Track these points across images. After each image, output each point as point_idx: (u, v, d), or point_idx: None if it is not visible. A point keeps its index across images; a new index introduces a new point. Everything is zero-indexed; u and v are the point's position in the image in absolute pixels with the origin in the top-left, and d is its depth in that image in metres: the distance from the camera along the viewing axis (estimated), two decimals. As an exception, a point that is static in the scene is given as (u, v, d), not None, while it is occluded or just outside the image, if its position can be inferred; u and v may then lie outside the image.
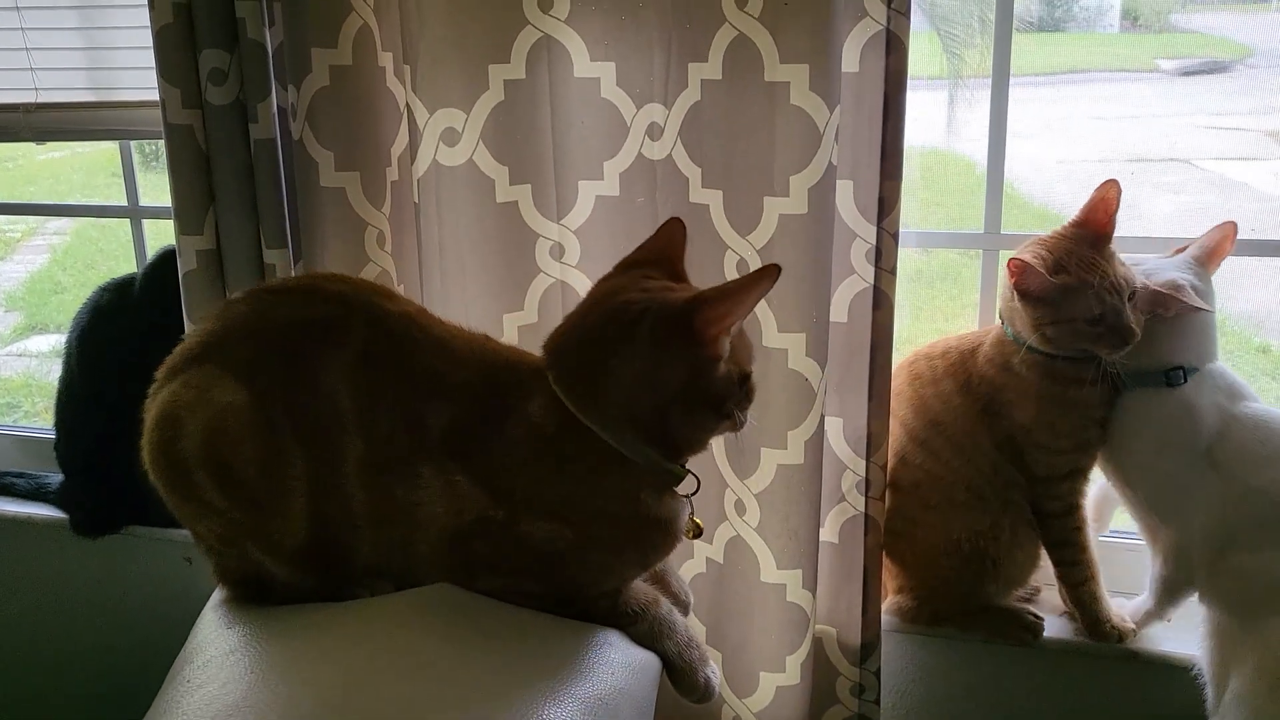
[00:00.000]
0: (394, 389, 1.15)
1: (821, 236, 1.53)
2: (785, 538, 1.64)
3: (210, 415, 1.13)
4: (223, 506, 1.16)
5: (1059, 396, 1.66)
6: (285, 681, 1.03)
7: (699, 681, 1.25)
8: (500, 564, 1.15)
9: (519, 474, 1.14)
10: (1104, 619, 1.75)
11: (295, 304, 1.21)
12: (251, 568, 1.21)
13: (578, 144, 1.65)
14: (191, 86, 1.67)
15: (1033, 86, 2.33)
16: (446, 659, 1.06)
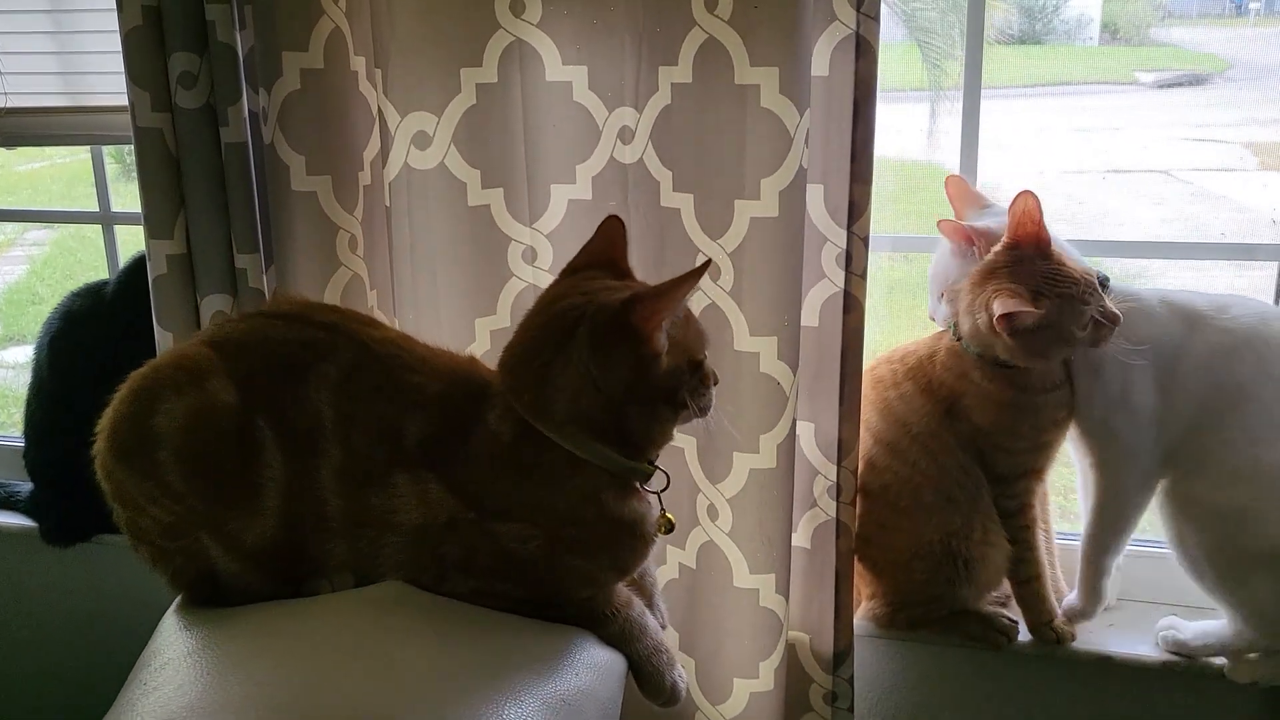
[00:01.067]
0: (374, 404, 1.19)
1: (792, 240, 1.53)
2: (757, 542, 1.63)
3: (199, 402, 1.16)
4: (181, 490, 1.16)
5: (1027, 404, 1.67)
6: (240, 682, 1.02)
7: (666, 685, 1.25)
8: (472, 565, 1.16)
9: (485, 482, 1.16)
10: (1046, 619, 1.76)
11: (288, 326, 1.25)
12: (200, 564, 1.21)
13: (550, 147, 1.65)
14: (161, 90, 1.66)
15: (1013, 98, 2.34)
16: (404, 658, 1.05)
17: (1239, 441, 1.61)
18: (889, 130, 2.27)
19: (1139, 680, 1.78)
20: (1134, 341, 1.60)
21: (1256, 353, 1.61)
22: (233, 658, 1.07)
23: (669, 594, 1.76)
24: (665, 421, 1.20)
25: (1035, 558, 1.76)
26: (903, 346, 1.80)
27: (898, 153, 2.33)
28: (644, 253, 1.64)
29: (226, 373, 1.18)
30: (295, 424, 1.17)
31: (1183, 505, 1.66)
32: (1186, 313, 1.64)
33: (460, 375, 1.24)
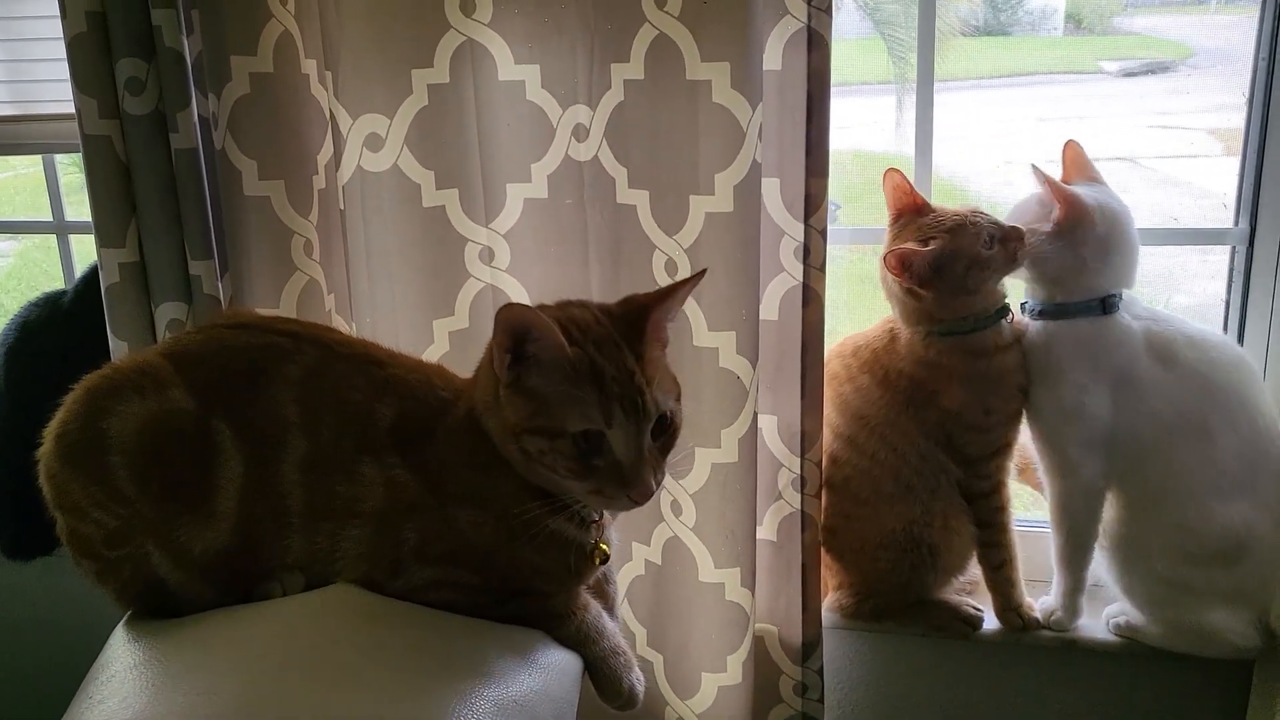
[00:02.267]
0: (343, 395, 1.19)
1: (748, 234, 1.53)
2: (722, 536, 1.64)
3: (156, 407, 1.16)
4: (130, 495, 1.15)
5: (984, 372, 1.69)
6: (185, 694, 1.01)
7: (623, 688, 1.25)
8: (429, 552, 1.15)
9: (448, 467, 1.16)
10: (1015, 605, 1.78)
11: (248, 334, 1.25)
12: (146, 574, 1.19)
13: (504, 147, 1.64)
14: (109, 96, 1.63)
15: (978, 90, 2.36)
16: (351, 664, 1.04)
17: (1187, 479, 1.64)
18: (858, 124, 2.29)
19: (1103, 664, 1.80)
20: (1105, 354, 1.64)
21: (1225, 402, 1.64)
22: (178, 669, 1.06)
23: (635, 590, 1.77)
24: (517, 459, 1.14)
25: (1007, 541, 1.77)
26: (852, 339, 1.80)
27: (867, 145, 2.34)
28: (599, 249, 1.64)
29: (183, 382, 1.17)
30: (256, 423, 1.16)
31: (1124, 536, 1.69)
32: (1163, 342, 1.66)
33: (433, 370, 1.26)
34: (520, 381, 1.10)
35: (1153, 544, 1.66)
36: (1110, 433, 1.66)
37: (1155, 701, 1.82)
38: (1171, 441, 1.64)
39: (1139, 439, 1.65)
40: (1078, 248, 1.64)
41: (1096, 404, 1.65)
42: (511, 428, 1.11)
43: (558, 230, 1.67)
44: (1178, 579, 1.64)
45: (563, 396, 1.09)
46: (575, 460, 1.09)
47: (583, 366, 1.09)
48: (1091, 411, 1.65)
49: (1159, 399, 1.64)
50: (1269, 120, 1.71)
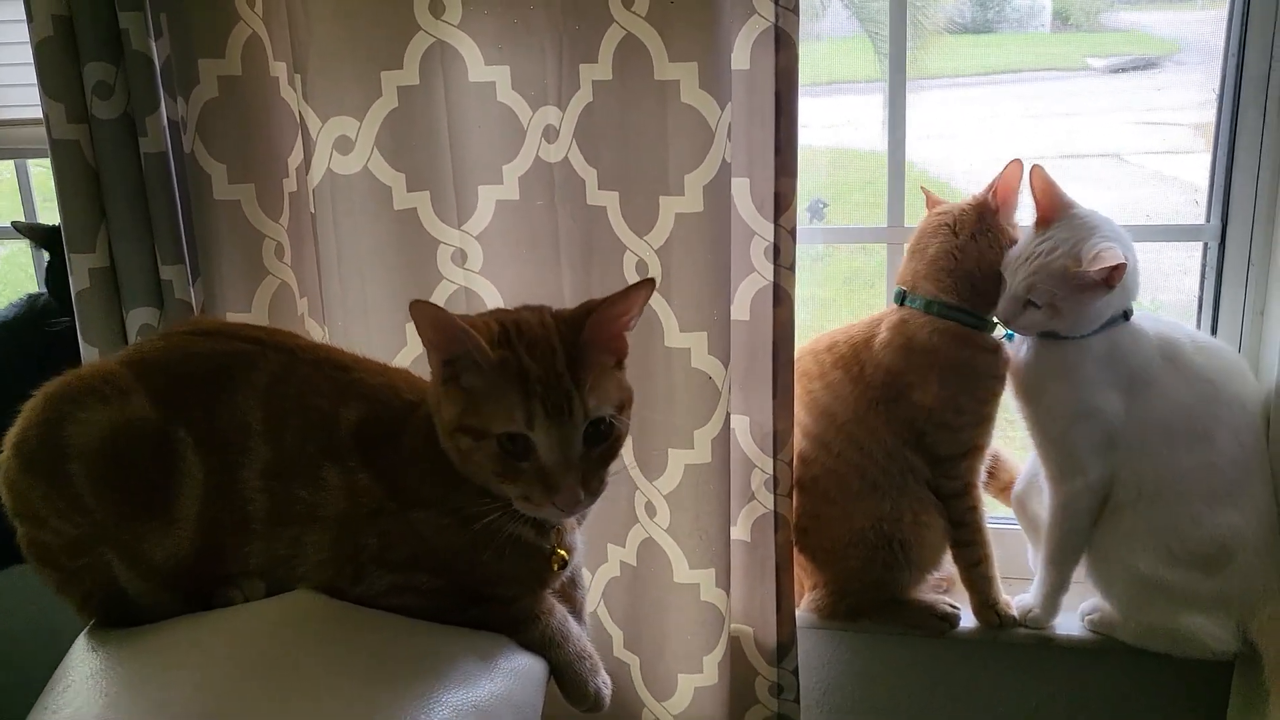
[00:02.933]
0: (308, 400, 1.18)
1: (719, 234, 1.53)
2: (696, 537, 1.64)
3: (118, 415, 1.14)
4: (90, 504, 1.14)
5: (965, 364, 1.70)
6: (140, 704, 0.99)
7: (589, 692, 1.24)
8: (389, 557, 1.15)
9: (409, 472, 1.16)
10: (992, 602, 1.78)
11: (212, 341, 1.24)
12: (107, 584, 1.18)
13: (476, 149, 1.64)
14: (77, 101, 1.63)
15: (967, 87, 2.36)
16: (310, 672, 1.03)
17: (1184, 482, 1.64)
18: (845, 123, 2.29)
19: (1080, 662, 1.80)
20: (1122, 358, 1.64)
21: (1229, 410, 1.65)
22: (135, 678, 1.05)
23: (611, 592, 1.76)
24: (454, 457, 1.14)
25: (982, 539, 1.78)
26: (828, 335, 1.81)
27: (854, 144, 2.34)
28: (570, 251, 1.64)
29: (144, 390, 1.16)
30: (219, 431, 1.15)
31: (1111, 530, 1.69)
32: (1172, 346, 1.67)
33: (398, 374, 1.26)
34: (454, 380, 1.10)
35: (1138, 542, 1.66)
36: (1117, 434, 1.66)
37: (1132, 700, 1.82)
38: (1173, 444, 1.64)
39: (1143, 438, 1.65)
40: (1121, 289, 1.62)
41: (1109, 405, 1.65)
42: (445, 425, 1.12)
43: (529, 232, 1.66)
44: (1159, 580, 1.64)
45: (489, 397, 1.08)
46: (501, 462, 1.09)
47: (508, 368, 1.07)
48: (1105, 412, 1.65)
49: (1166, 401, 1.65)
50: (1238, 116, 1.72)
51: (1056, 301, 1.60)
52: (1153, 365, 1.66)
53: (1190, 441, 1.64)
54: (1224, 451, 1.64)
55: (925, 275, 1.72)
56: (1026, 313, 1.64)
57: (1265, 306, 1.75)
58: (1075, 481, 1.68)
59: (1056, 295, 1.60)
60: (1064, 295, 1.60)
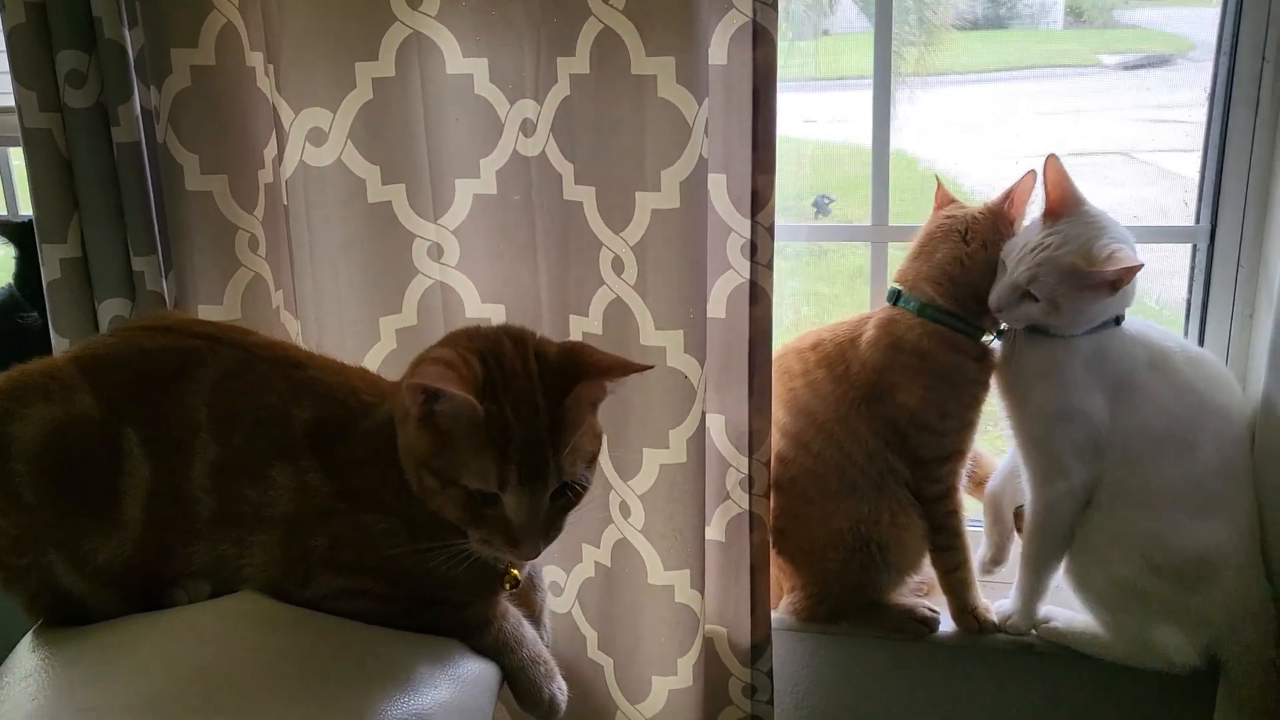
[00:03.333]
0: (259, 398, 1.16)
1: (695, 231, 1.51)
2: (671, 538, 1.62)
3: (62, 413, 1.12)
4: (32, 503, 1.12)
5: (953, 369, 1.68)
6: (65, 708, 0.97)
7: (543, 699, 1.22)
8: (338, 559, 1.13)
9: (363, 473, 1.13)
10: (970, 607, 1.77)
11: (163, 336, 1.22)
12: (47, 582, 1.16)
13: (452, 142, 1.62)
14: (49, 89, 1.60)
15: (978, 83, 2.34)
16: (245, 681, 1.01)
17: (1166, 490, 1.62)
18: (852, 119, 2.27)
19: (1061, 668, 1.78)
20: (1110, 363, 1.62)
21: (1215, 422, 1.63)
22: (66, 682, 1.02)
23: (586, 593, 1.75)
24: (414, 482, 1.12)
25: (961, 544, 1.76)
26: (813, 333, 1.79)
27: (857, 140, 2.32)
28: (547, 246, 1.62)
29: (91, 388, 1.14)
30: (166, 427, 1.13)
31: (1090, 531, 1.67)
32: (1161, 354, 1.65)
33: (356, 373, 1.23)
34: (430, 419, 1.06)
35: (1117, 547, 1.64)
36: (1102, 438, 1.64)
37: (1113, 707, 1.80)
38: (1158, 451, 1.62)
39: (1127, 445, 1.63)
40: (1115, 297, 1.60)
41: (1094, 409, 1.63)
42: (413, 458, 1.09)
43: (506, 227, 1.65)
44: (1137, 588, 1.62)
45: (465, 448, 1.05)
46: (465, 509, 1.07)
47: (493, 426, 1.04)
48: (1089, 416, 1.63)
49: (1152, 408, 1.62)
50: (1229, 116, 1.70)
51: (1057, 297, 1.57)
52: (1140, 372, 1.64)
53: (1174, 450, 1.62)
54: (1207, 463, 1.62)
55: (928, 278, 1.69)
56: (1022, 304, 1.61)
57: (1254, 310, 1.73)
58: (1057, 485, 1.66)
59: (1059, 291, 1.57)
60: (1066, 292, 1.57)
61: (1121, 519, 1.63)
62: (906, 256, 1.74)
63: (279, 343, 1.25)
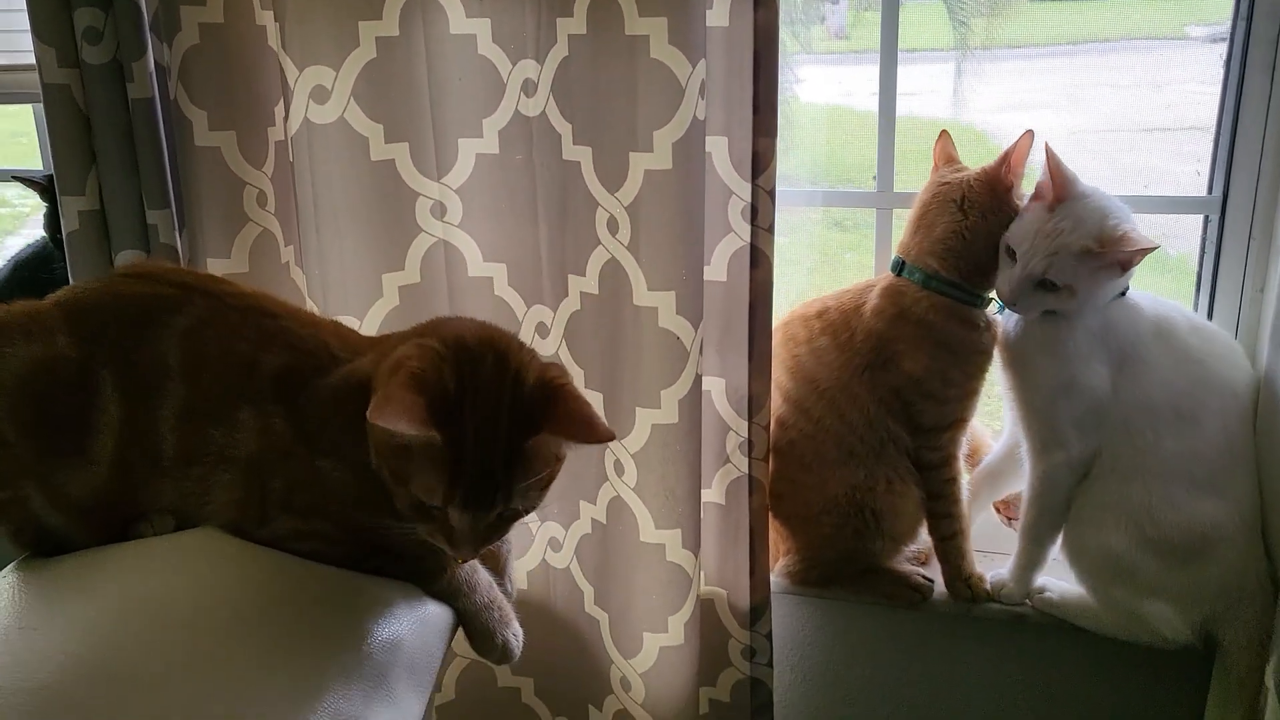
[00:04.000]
0: (229, 344, 1.19)
1: (688, 193, 1.51)
2: (662, 498, 1.63)
3: (42, 353, 1.17)
4: (11, 439, 1.16)
5: (956, 339, 1.68)
6: (13, 626, 1.01)
7: (496, 643, 1.26)
8: (293, 501, 1.16)
9: (324, 418, 1.16)
10: (964, 575, 1.77)
11: (141, 283, 1.25)
12: (27, 514, 1.21)
13: (456, 101, 1.64)
14: (68, 45, 1.65)
15: (1051, 56, 2.30)
16: (196, 607, 1.04)
17: (1165, 463, 1.60)
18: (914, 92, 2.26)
19: (1054, 639, 1.78)
20: (1114, 335, 1.61)
21: (1219, 396, 1.61)
22: (21, 602, 1.07)
23: (583, 549, 1.77)
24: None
25: (959, 512, 1.76)
26: (819, 300, 1.79)
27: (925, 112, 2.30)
28: (547, 206, 1.64)
29: (71, 330, 1.18)
30: (138, 371, 1.17)
31: (1084, 501, 1.66)
32: (1168, 325, 1.63)
33: (329, 327, 1.26)
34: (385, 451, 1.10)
35: (1111, 517, 1.63)
36: (1103, 411, 1.63)
37: (1107, 680, 1.79)
38: (1157, 423, 1.61)
39: (1127, 416, 1.62)
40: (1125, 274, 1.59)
41: (1096, 381, 1.62)
42: (375, 444, 1.11)
43: (508, 186, 1.67)
44: (1129, 561, 1.61)
45: (420, 460, 1.07)
46: (412, 506, 1.11)
47: (450, 450, 1.06)
48: (1090, 388, 1.62)
49: (1155, 380, 1.61)
50: (1244, 82, 1.66)
51: (1074, 282, 1.56)
52: (1145, 343, 1.62)
53: (1175, 423, 1.60)
54: (1210, 438, 1.60)
55: (929, 252, 1.69)
56: (1037, 294, 1.59)
57: (1265, 283, 1.69)
58: (1055, 455, 1.65)
59: (1076, 275, 1.55)
60: (1083, 276, 1.56)
61: (1116, 490, 1.62)
62: (907, 228, 1.73)
63: (253, 293, 1.28)
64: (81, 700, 0.87)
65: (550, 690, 1.90)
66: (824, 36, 2.38)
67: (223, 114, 1.64)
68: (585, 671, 1.82)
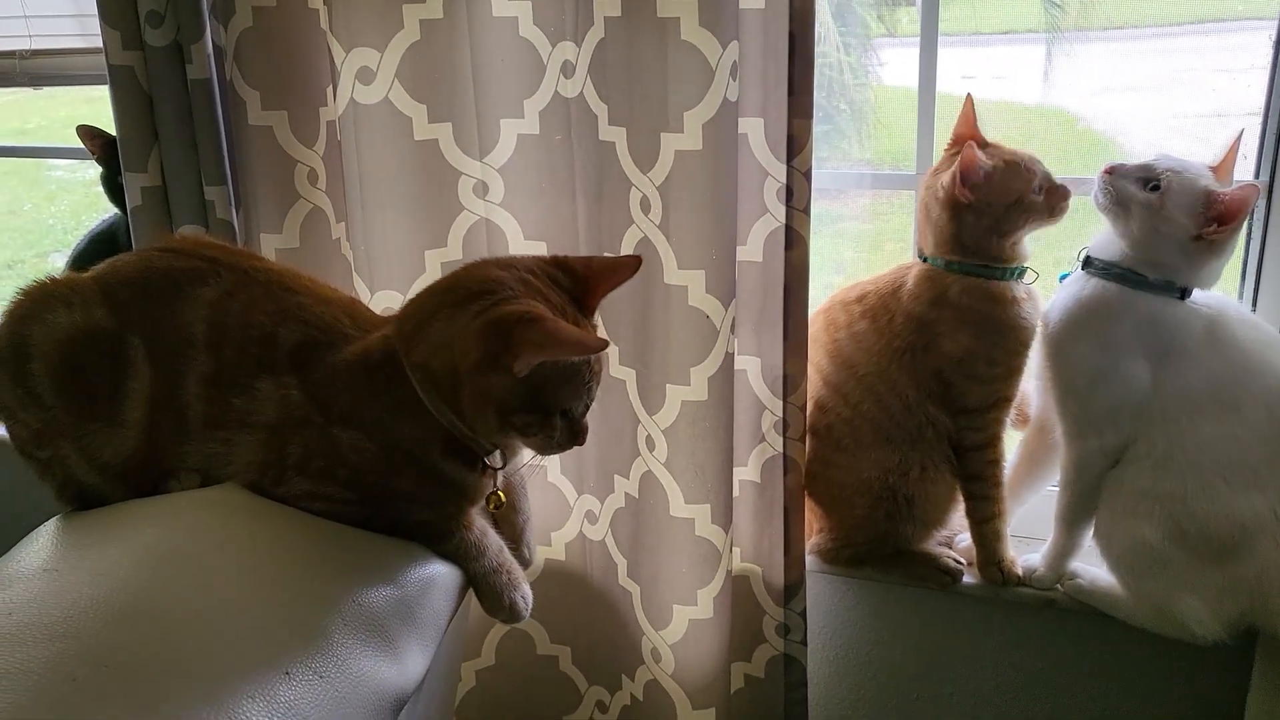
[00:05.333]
0: (251, 316, 1.26)
1: (719, 173, 1.53)
2: (691, 473, 1.66)
3: (81, 323, 1.25)
4: (50, 402, 1.25)
5: (995, 318, 1.67)
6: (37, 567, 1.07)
7: (504, 604, 1.30)
8: (308, 466, 1.22)
9: (340, 389, 1.22)
10: (997, 559, 1.75)
11: (174, 257, 1.33)
12: (67, 473, 1.29)
13: (497, 82, 1.68)
14: (132, 28, 1.73)
15: (1154, 38, 2.26)
16: (213, 555, 1.09)
17: (1204, 452, 1.58)
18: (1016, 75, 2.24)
19: (1084, 626, 1.77)
20: (1164, 335, 1.59)
21: (1265, 386, 1.57)
22: (49, 547, 1.14)
23: (617, 522, 1.81)
24: (485, 423, 1.21)
25: (998, 495, 1.75)
26: (859, 285, 1.79)
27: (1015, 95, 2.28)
28: (585, 185, 1.67)
29: (107, 302, 1.25)
30: (167, 340, 1.24)
31: (1117, 489, 1.64)
32: (1218, 316, 1.60)
33: (345, 304, 1.32)
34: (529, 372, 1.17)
35: (1145, 509, 1.60)
36: (1141, 403, 1.60)
37: (1139, 666, 1.78)
38: (1196, 411, 1.58)
39: (1166, 402, 1.59)
40: (1210, 259, 1.56)
41: (1136, 373, 1.59)
42: (496, 404, 1.18)
43: (549, 166, 1.70)
44: (1162, 553, 1.58)
45: (566, 376, 1.20)
46: (545, 428, 1.22)
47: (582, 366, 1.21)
48: (1129, 381, 1.60)
49: (1196, 366, 1.58)
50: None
51: (1166, 197, 1.53)
52: (1193, 338, 1.58)
53: (1214, 410, 1.57)
54: (1252, 427, 1.56)
55: (940, 250, 1.70)
56: (1134, 187, 1.56)
57: (1314, 271, 1.66)
58: (1089, 442, 1.64)
59: (1174, 196, 1.53)
60: (1183, 208, 1.53)
61: (1151, 478, 1.59)
62: (917, 218, 1.74)
63: (278, 268, 1.34)
64: (89, 635, 0.93)
65: (587, 659, 1.94)
66: (912, 19, 2.36)
67: (275, 94, 1.70)
68: (619, 642, 1.86)
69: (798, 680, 1.82)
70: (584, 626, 1.91)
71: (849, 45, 2.51)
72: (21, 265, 4.31)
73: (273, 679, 0.94)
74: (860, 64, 2.56)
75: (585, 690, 1.96)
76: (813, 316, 1.77)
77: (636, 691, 1.85)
